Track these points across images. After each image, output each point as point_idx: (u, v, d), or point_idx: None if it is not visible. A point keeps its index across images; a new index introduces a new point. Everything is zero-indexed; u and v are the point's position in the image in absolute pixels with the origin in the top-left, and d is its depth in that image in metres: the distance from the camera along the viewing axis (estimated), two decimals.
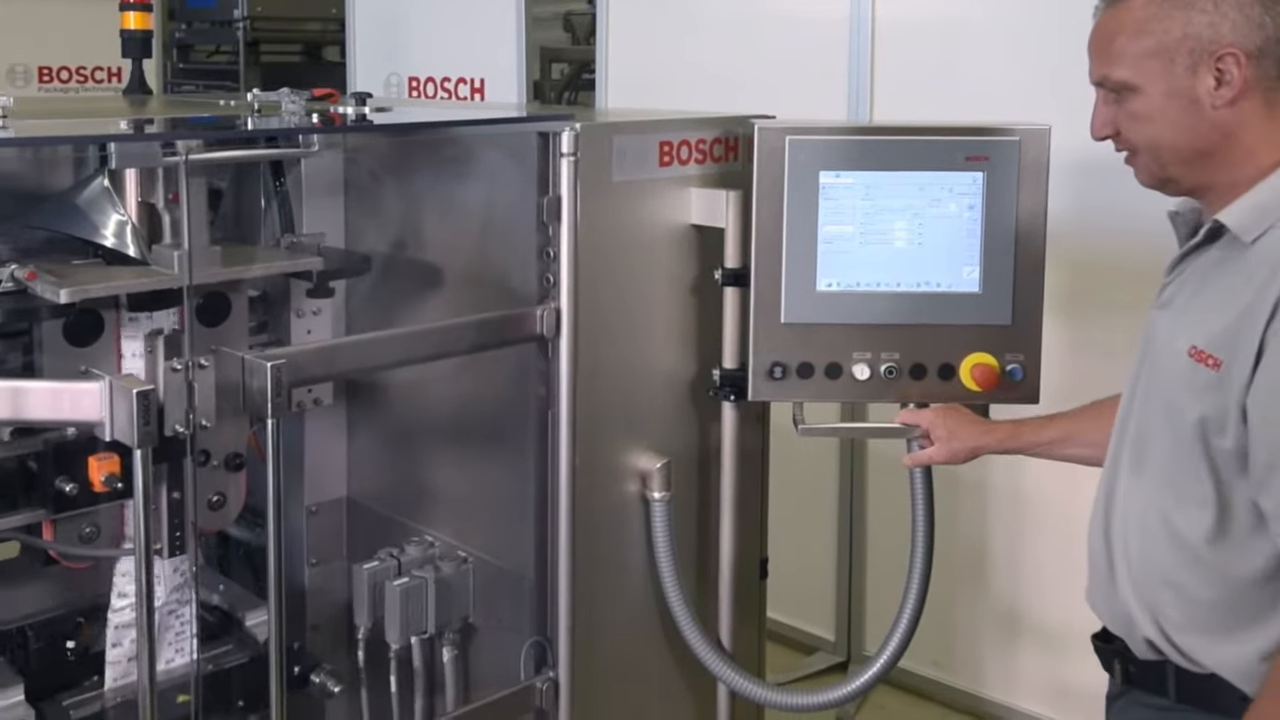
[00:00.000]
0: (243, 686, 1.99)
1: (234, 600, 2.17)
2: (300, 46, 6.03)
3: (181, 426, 1.66)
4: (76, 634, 2.08)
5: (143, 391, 1.54)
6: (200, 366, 1.67)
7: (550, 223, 2.02)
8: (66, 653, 2.05)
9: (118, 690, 1.91)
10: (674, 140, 2.17)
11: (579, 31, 5.23)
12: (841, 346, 2.08)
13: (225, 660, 2.00)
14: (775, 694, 2.15)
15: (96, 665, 2.00)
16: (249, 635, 2.11)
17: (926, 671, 3.37)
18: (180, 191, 1.83)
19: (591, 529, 2.09)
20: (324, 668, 2.07)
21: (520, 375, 2.13)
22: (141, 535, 1.59)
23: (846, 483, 3.54)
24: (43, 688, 1.90)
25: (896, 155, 2.07)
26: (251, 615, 2.13)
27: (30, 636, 2.04)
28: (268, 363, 1.64)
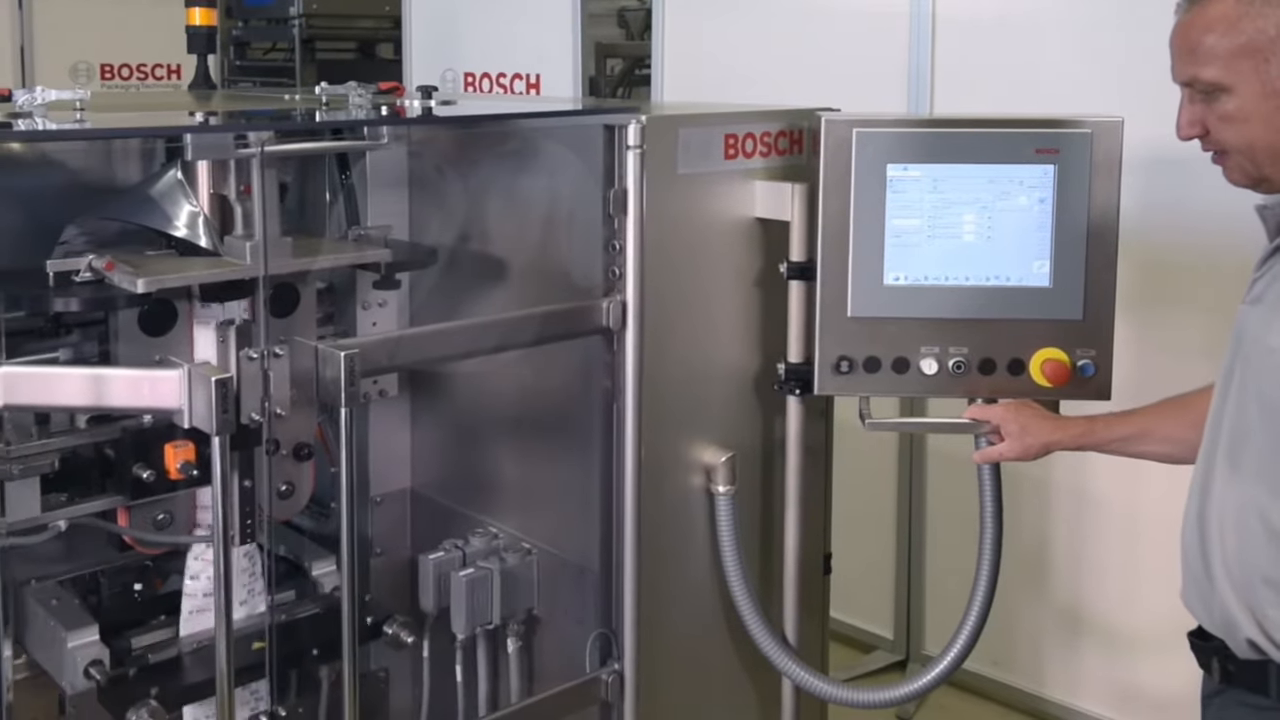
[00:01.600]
0: (315, 637, 2.01)
1: (300, 550, 2.19)
2: (355, 44, 6.08)
3: (256, 414, 1.68)
4: (146, 579, 2.11)
5: (221, 380, 1.56)
6: (275, 355, 1.68)
7: (616, 215, 2.02)
8: (135, 596, 2.08)
9: (191, 636, 1.94)
10: (739, 133, 2.16)
11: (633, 27, 5.22)
12: (909, 341, 2.06)
13: (297, 610, 2.03)
14: (842, 690, 2.13)
15: (164, 605, 2.04)
16: (316, 583, 2.13)
17: (987, 671, 3.33)
18: (254, 183, 1.84)
19: (656, 522, 2.08)
20: (396, 618, 2.08)
21: (585, 368, 2.13)
22: (220, 522, 1.61)
23: (906, 480, 3.50)
24: (114, 627, 1.94)
25: (965, 148, 2.05)
26: (318, 565, 2.15)
27: (102, 581, 2.08)
28: (341, 352, 1.65)
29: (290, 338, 1.74)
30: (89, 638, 1.86)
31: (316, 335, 2.07)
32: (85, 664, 1.84)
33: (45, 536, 1.80)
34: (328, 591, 2.11)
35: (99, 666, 1.84)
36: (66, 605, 1.94)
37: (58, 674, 1.87)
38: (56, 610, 1.92)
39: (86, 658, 1.84)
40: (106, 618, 1.94)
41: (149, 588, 2.11)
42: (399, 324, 2.27)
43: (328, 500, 2.40)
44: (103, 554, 2.05)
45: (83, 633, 1.86)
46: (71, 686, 1.85)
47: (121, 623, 1.96)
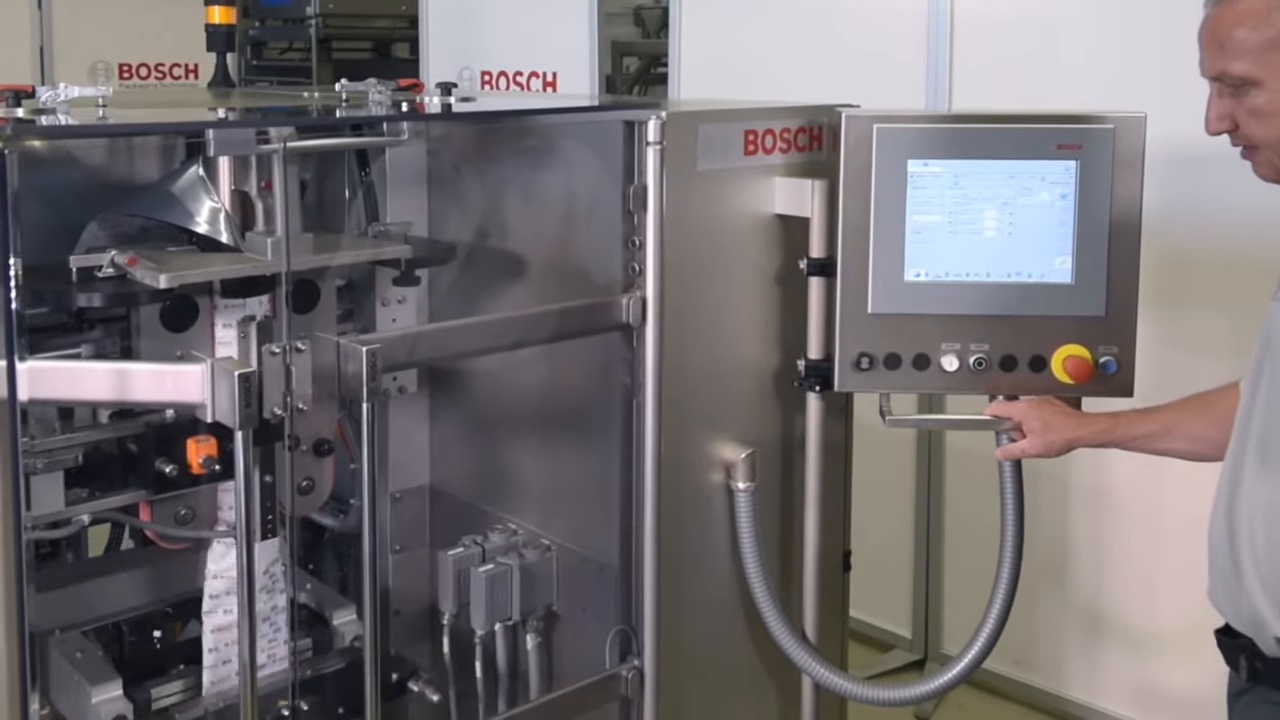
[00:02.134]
0: (339, 692, 2.00)
1: (321, 599, 2.18)
2: (371, 43, 6.10)
3: (279, 409, 1.68)
4: (167, 626, 2.12)
5: (244, 374, 1.56)
6: (297, 350, 1.68)
7: (636, 211, 2.02)
8: (156, 644, 2.08)
9: (217, 694, 1.94)
10: (758, 129, 2.15)
11: (649, 25, 5.22)
12: (930, 337, 2.05)
13: (320, 666, 2.02)
14: (862, 688, 2.13)
15: (184, 654, 2.04)
16: (336, 634, 2.12)
17: (1006, 670, 3.31)
18: (275, 179, 1.85)
19: (676, 519, 2.08)
20: (421, 675, 2.07)
21: (604, 364, 2.13)
22: (243, 515, 1.61)
23: (924, 478, 3.49)
24: (136, 678, 1.94)
25: (986, 143, 2.04)
26: (339, 614, 2.14)
27: (124, 631, 2.09)
28: (363, 347, 1.65)
29: (311, 333, 1.74)
30: (113, 692, 1.85)
31: (336, 332, 2.07)
32: (109, 719, 1.83)
33: (69, 531, 1.81)
34: (348, 643, 2.09)
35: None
36: (90, 658, 1.93)
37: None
38: (81, 664, 1.91)
39: (110, 713, 1.83)
40: (128, 667, 1.94)
41: (168, 634, 2.11)
42: (418, 321, 2.27)
43: (347, 496, 2.40)
44: (124, 601, 2.05)
45: (107, 687, 1.85)
46: None
47: (143, 673, 1.95)
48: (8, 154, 1.43)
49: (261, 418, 1.65)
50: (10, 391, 1.48)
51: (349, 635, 2.08)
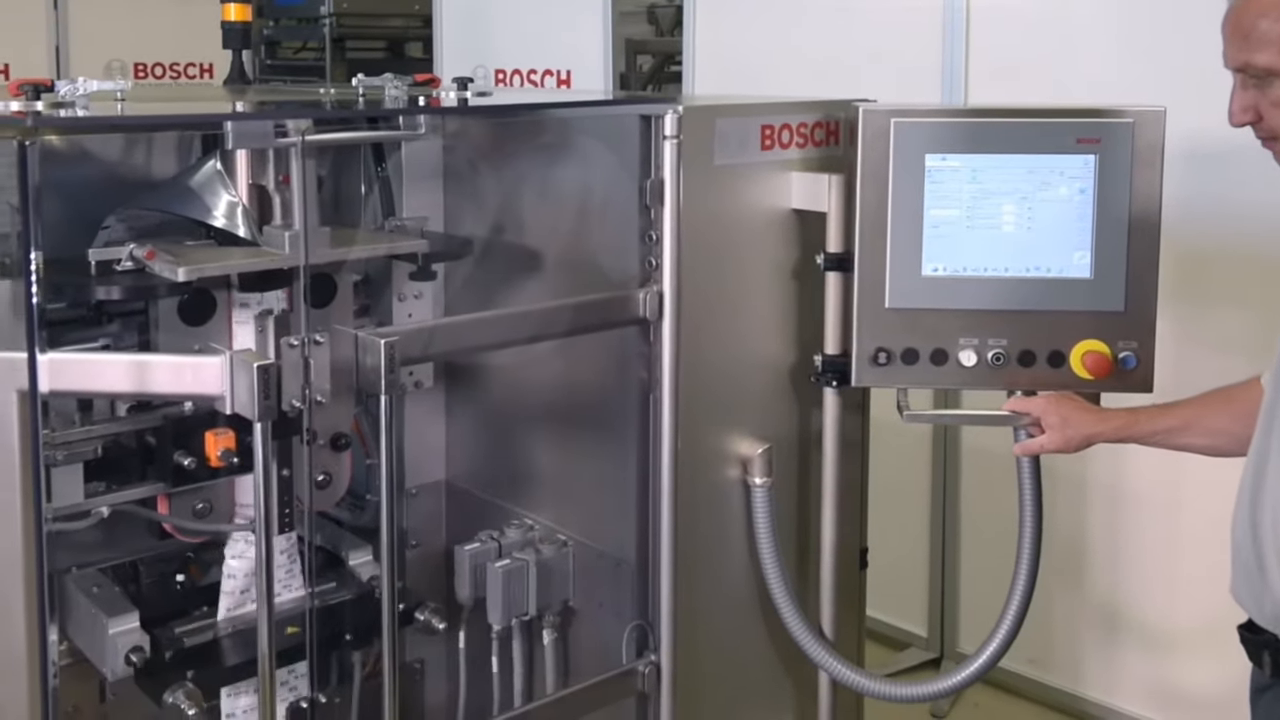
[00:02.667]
0: (348, 622, 2.01)
1: (335, 540, 2.19)
2: (385, 43, 6.12)
3: (297, 401, 1.68)
4: (185, 569, 2.12)
5: (263, 366, 1.56)
6: (315, 343, 1.68)
7: (653, 205, 2.02)
8: (176, 585, 2.09)
9: (229, 620, 1.95)
10: (775, 124, 2.15)
11: (663, 24, 5.23)
12: (947, 332, 2.04)
13: (330, 597, 2.03)
14: (879, 684, 2.12)
15: (204, 597, 2.05)
16: (352, 573, 2.14)
17: (1022, 669, 3.30)
18: (293, 173, 1.85)
19: (693, 513, 2.07)
20: (427, 605, 2.08)
21: (620, 359, 2.13)
22: (262, 509, 1.61)
23: (940, 475, 3.48)
24: (154, 617, 1.95)
25: (1004, 138, 2.03)
26: (354, 555, 2.15)
27: (141, 570, 2.09)
28: (382, 340, 1.65)
29: (330, 326, 1.74)
30: (130, 624, 1.87)
31: (354, 326, 2.07)
32: (126, 650, 1.85)
33: (88, 523, 1.82)
34: (364, 580, 2.11)
35: (139, 653, 1.85)
36: (107, 592, 1.95)
37: (99, 660, 1.88)
38: (98, 597, 1.93)
39: (127, 644, 1.86)
40: (147, 607, 1.95)
41: (190, 578, 2.12)
42: (434, 316, 2.27)
43: (363, 492, 2.40)
44: (143, 542, 2.07)
45: (123, 619, 1.88)
46: (112, 673, 1.86)
47: (162, 613, 1.97)
48: (29, 146, 1.43)
49: (280, 411, 1.65)
50: (31, 383, 1.49)
51: (365, 575, 2.10)
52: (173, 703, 1.79)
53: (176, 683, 1.82)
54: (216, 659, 1.88)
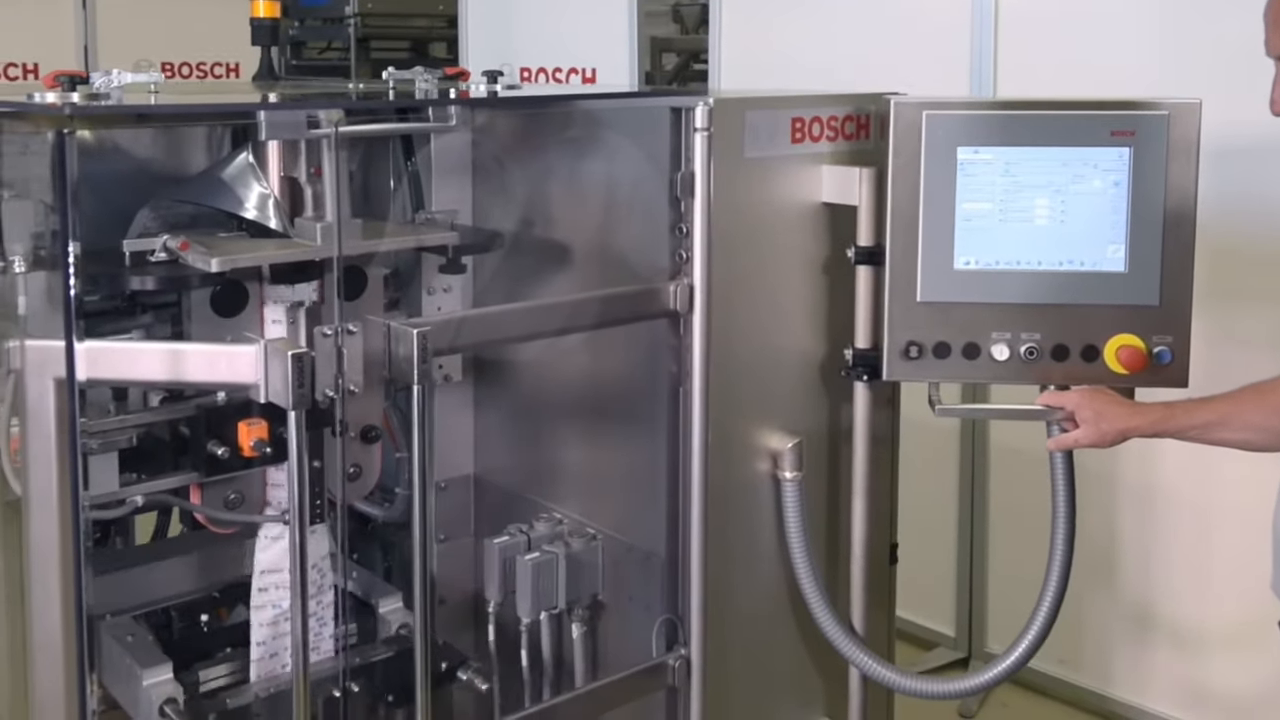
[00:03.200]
0: (387, 681, 2.00)
1: (367, 587, 2.19)
2: (409, 43, 6.13)
3: (330, 390, 1.68)
4: (213, 611, 2.14)
5: (298, 354, 1.56)
6: (348, 332, 1.68)
7: (683, 198, 2.01)
8: (203, 628, 2.10)
9: (265, 680, 1.95)
10: (805, 116, 2.14)
11: (688, 22, 5.22)
12: (980, 326, 2.03)
13: (369, 654, 2.02)
14: (910, 680, 2.10)
15: (231, 638, 2.06)
16: (383, 622, 2.13)
17: (1052, 670, 3.27)
18: (325, 164, 1.85)
19: (722, 507, 2.06)
20: (471, 664, 2.06)
21: (649, 353, 2.12)
22: (296, 496, 1.61)
23: (968, 474, 3.46)
24: (184, 662, 1.96)
25: (1038, 130, 2.02)
26: (385, 602, 2.15)
27: (173, 616, 2.11)
28: (414, 329, 1.65)
29: (362, 317, 1.74)
30: (163, 676, 1.87)
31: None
32: (160, 702, 1.85)
33: (123, 512, 1.82)
34: (394, 632, 2.09)
35: (173, 705, 1.85)
36: (140, 641, 1.95)
37: (133, 710, 1.88)
38: (131, 647, 1.93)
39: (161, 696, 1.85)
40: (176, 651, 1.96)
41: (215, 618, 2.13)
42: (463, 309, 2.27)
43: (392, 486, 2.41)
44: (174, 587, 2.08)
45: (157, 671, 1.87)
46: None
47: (191, 657, 1.97)
48: (67, 136, 1.44)
49: (313, 401, 1.65)
50: (69, 371, 1.49)
51: (395, 624, 2.09)
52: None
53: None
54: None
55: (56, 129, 1.45)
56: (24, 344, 1.55)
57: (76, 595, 1.52)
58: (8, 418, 1.68)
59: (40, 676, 1.60)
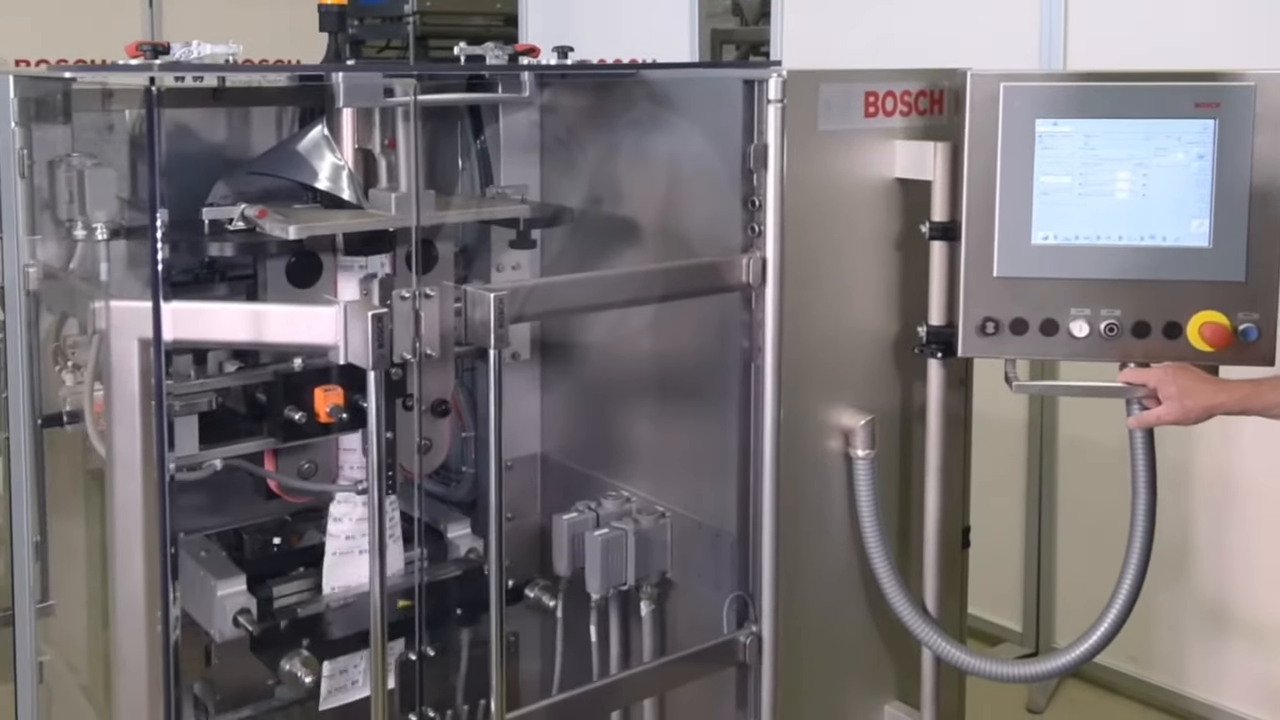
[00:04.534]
0: (453, 599, 2.02)
1: (434, 513, 2.20)
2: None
3: (408, 353, 1.68)
4: (285, 535, 2.15)
5: (377, 314, 1.57)
6: (425, 296, 1.69)
7: (756, 170, 1.99)
8: (274, 550, 2.12)
9: (335, 594, 1.97)
10: (879, 91, 2.11)
11: (748, 14, 5.21)
12: (1058, 302, 1.99)
13: (436, 573, 2.04)
14: (985, 663, 2.06)
15: (302, 559, 2.07)
16: (451, 545, 2.15)
17: (1122, 666, 3.20)
18: (400, 135, 1.86)
19: (794, 484, 2.04)
20: (537, 582, 2.08)
21: (719, 330, 2.11)
22: (374, 459, 1.61)
23: (1036, 467, 3.40)
24: (257, 578, 1.98)
25: (1119, 102, 1.98)
26: (453, 528, 2.17)
27: (245, 537, 2.13)
28: (490, 293, 1.64)
29: (438, 283, 1.75)
30: (237, 587, 1.90)
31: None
32: (234, 612, 1.87)
33: (202, 474, 1.84)
34: (463, 554, 2.11)
35: (246, 615, 1.87)
36: (214, 556, 1.98)
37: (207, 622, 1.91)
38: (205, 561, 1.96)
39: (235, 606, 1.89)
40: (250, 570, 1.98)
41: (287, 542, 2.14)
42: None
43: (458, 466, 2.41)
44: (246, 509, 2.09)
45: (231, 582, 1.91)
46: (220, 634, 1.89)
47: (264, 574, 1.99)
48: (155, 91, 1.45)
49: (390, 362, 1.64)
50: (155, 328, 1.51)
51: (463, 547, 2.12)
52: (289, 670, 1.81)
53: (292, 651, 1.83)
54: (327, 628, 1.90)
55: (147, 83, 1.46)
56: (109, 304, 1.57)
57: (162, 556, 1.53)
58: (91, 381, 1.70)
59: (124, 638, 1.61)
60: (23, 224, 1.80)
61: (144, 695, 1.59)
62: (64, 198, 1.82)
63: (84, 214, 1.81)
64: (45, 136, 1.85)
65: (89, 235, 1.79)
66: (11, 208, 1.79)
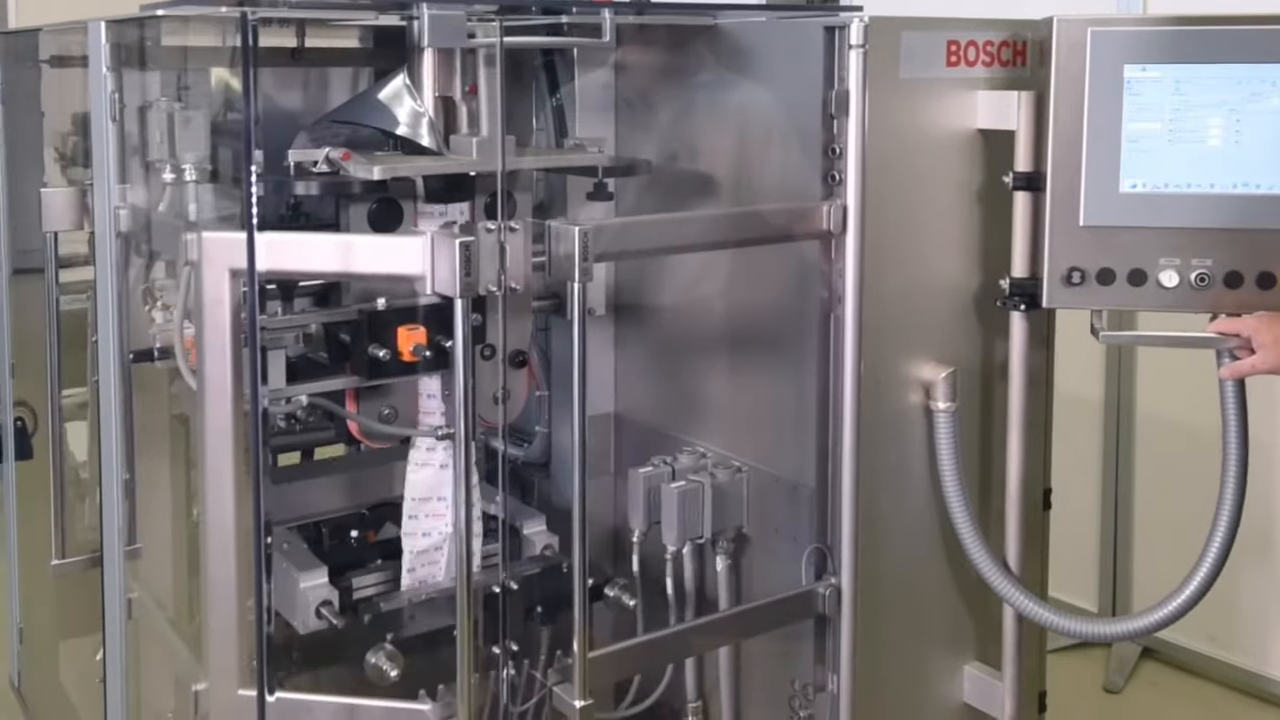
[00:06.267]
0: (533, 597, 2.02)
1: (511, 511, 2.19)
2: None
3: (493, 286, 1.68)
4: (362, 529, 2.17)
5: (465, 241, 1.57)
6: (510, 229, 1.69)
7: (838, 117, 1.97)
8: (352, 543, 2.14)
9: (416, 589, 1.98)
10: (961, 40, 2.08)
11: None
12: (1147, 251, 1.95)
13: (519, 570, 2.04)
14: (1070, 620, 2.01)
15: (381, 551, 2.09)
16: (527, 542, 2.15)
17: (1202, 647, 3.13)
18: (481, 79, 1.87)
19: (874, 436, 2.01)
20: (617, 582, 2.07)
21: (797, 282, 2.09)
22: (460, 388, 1.62)
23: (1112, 446, 3.33)
24: (336, 570, 1.99)
25: (1211, 46, 1.93)
26: (529, 525, 2.16)
27: (324, 532, 2.15)
28: (575, 226, 1.64)
29: (522, 218, 1.75)
30: (319, 580, 1.92)
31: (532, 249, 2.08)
32: (316, 604, 1.88)
33: (289, 409, 1.86)
34: (539, 551, 2.11)
35: (329, 607, 1.88)
36: (296, 549, 2.00)
37: (289, 614, 1.92)
38: (287, 554, 1.98)
39: (317, 598, 1.90)
40: (329, 561, 2.00)
41: (364, 538, 2.17)
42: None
43: (531, 427, 2.42)
44: (325, 503, 2.12)
45: (313, 574, 1.92)
46: (304, 626, 1.90)
47: (343, 566, 2.00)
48: (250, 20, 1.47)
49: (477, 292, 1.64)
50: (250, 256, 1.52)
51: (539, 544, 2.09)
52: (375, 664, 1.82)
53: (377, 644, 1.84)
54: (407, 623, 1.91)
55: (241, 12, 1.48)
56: (201, 236, 1.59)
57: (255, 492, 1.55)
58: (182, 315, 1.72)
59: (214, 573, 1.63)
60: (114, 168, 1.83)
61: (234, 624, 1.60)
62: (155, 139, 1.85)
63: (174, 156, 1.83)
64: (135, 83, 1.88)
65: (178, 178, 1.81)
66: (103, 151, 1.82)
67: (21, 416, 2.69)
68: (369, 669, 1.86)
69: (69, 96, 2.40)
